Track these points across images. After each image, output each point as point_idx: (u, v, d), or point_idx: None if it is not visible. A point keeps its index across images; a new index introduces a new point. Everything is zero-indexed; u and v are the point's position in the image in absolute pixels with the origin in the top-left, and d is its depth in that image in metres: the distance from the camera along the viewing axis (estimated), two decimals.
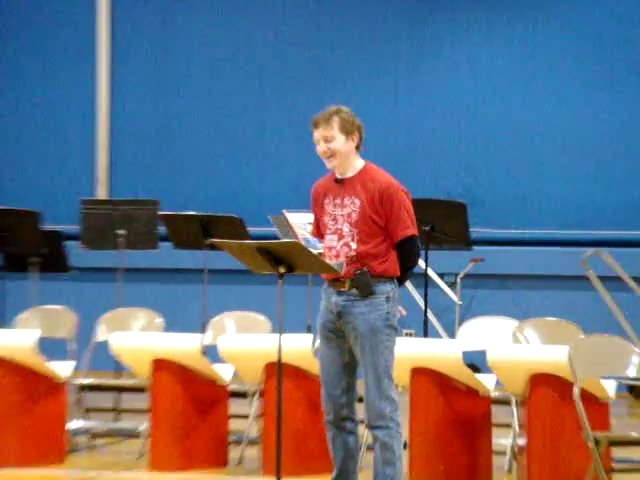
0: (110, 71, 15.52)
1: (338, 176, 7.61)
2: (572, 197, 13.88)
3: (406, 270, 7.61)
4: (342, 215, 7.54)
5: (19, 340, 9.68)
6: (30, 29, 15.85)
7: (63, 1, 15.85)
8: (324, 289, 7.60)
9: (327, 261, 7.58)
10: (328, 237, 7.63)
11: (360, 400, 7.66)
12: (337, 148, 7.55)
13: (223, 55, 15.31)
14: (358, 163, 7.59)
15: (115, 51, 15.60)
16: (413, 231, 7.55)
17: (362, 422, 7.60)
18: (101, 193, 15.11)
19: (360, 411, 7.65)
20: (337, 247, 7.56)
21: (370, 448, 7.79)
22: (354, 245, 7.49)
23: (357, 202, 7.49)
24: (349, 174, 7.57)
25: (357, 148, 7.58)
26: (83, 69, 15.59)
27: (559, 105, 14.07)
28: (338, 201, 7.57)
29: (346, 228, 7.51)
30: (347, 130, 7.54)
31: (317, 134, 7.57)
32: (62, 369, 9.75)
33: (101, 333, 10.50)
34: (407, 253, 7.57)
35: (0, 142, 15.54)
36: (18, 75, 15.80)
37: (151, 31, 15.65)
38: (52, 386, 9.67)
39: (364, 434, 8.07)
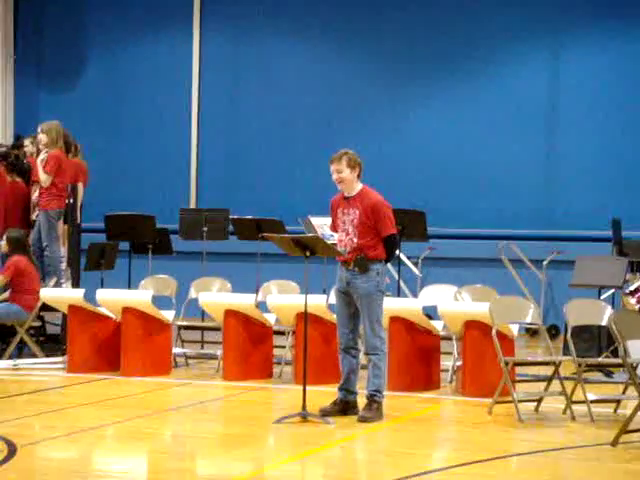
0: (198, 108, 14.97)
1: (345, 194, 7.79)
2: (493, 207, 13.69)
3: (389, 255, 7.79)
4: (348, 220, 7.70)
5: (141, 296, 9.77)
6: (133, 60, 15.19)
7: (163, 24, 15.01)
8: (339, 266, 7.73)
9: (336, 248, 7.83)
10: (339, 233, 7.83)
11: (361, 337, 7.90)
12: (344, 177, 7.73)
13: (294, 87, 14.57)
14: (358, 186, 7.71)
15: (202, 82, 14.97)
16: (393, 231, 7.70)
17: (361, 351, 7.84)
18: (192, 202, 14.88)
19: (361, 344, 7.92)
20: (345, 240, 7.74)
21: (364, 367, 7.83)
22: (355, 239, 7.67)
23: (357, 212, 7.64)
24: (352, 194, 7.72)
25: (358, 176, 7.74)
26: (181, 104, 14.93)
27: (489, 143, 13.83)
28: (345, 211, 7.74)
29: (350, 228, 7.68)
30: (352, 165, 7.70)
31: (332, 167, 7.73)
32: (168, 315, 9.80)
33: (192, 293, 10.49)
34: (390, 245, 7.72)
35: (122, 164, 15.03)
36: (120, 106, 15.19)
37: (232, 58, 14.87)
38: (162, 326, 9.69)
39: (362, 358, 8.10)
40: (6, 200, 10.96)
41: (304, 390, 7.51)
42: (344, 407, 7.75)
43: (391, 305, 8.73)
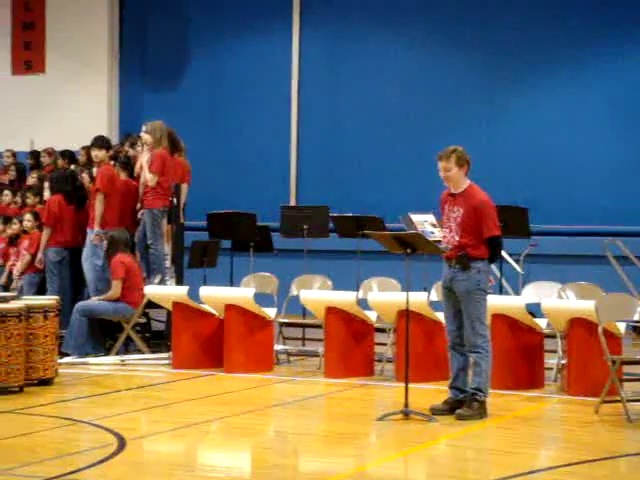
0: (298, 107, 14.99)
1: (452, 191, 7.74)
2: (597, 203, 13.52)
3: (493, 256, 7.66)
4: (452, 217, 7.62)
5: (244, 294, 9.87)
6: (234, 59, 15.23)
7: (263, 23, 15.06)
8: (444, 264, 7.69)
9: (437, 245, 7.79)
10: (444, 230, 7.80)
11: None
12: (452, 175, 7.62)
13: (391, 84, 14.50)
14: (465, 184, 7.61)
15: (301, 81, 14.94)
16: (496, 232, 7.58)
17: None
18: (292, 200, 14.95)
19: None
20: (448, 237, 7.69)
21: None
22: (457, 237, 7.59)
23: (461, 211, 7.56)
24: (458, 191, 7.63)
25: (465, 174, 7.63)
26: (281, 102, 14.95)
27: (589, 140, 13.68)
28: (451, 208, 7.64)
29: (454, 226, 7.60)
30: (460, 163, 7.59)
31: (440, 165, 7.62)
32: (269, 312, 9.87)
33: (293, 290, 10.56)
34: (493, 246, 7.61)
35: (223, 162, 15.10)
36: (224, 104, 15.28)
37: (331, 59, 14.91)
38: (264, 323, 9.77)
39: None
40: (121, 199, 11.16)
41: (406, 387, 7.50)
42: (455, 406, 7.68)
43: (494, 302, 8.64)
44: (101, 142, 11.11)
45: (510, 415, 7.92)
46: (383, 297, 9.57)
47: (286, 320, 10.57)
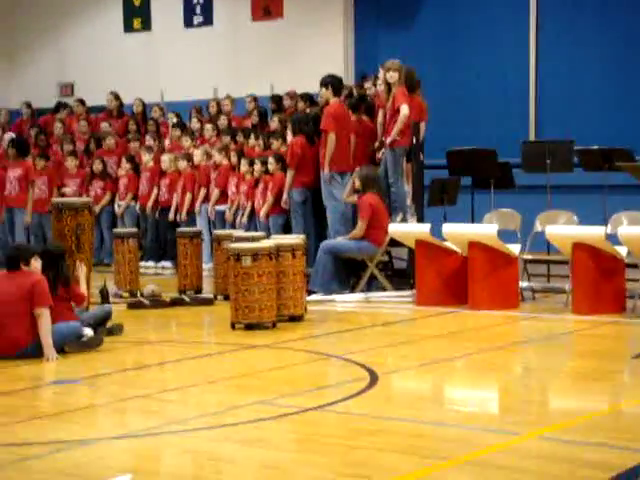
0: (536, 39, 14.57)
1: None
2: None
3: None
4: None
5: (487, 230, 9.80)
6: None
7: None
8: None
9: None
10: None
11: None
12: None
13: None
14: None
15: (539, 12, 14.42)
16: None
17: None
18: (531, 135, 14.49)
19: None
20: None
21: None
22: None
23: None
24: None
25: None
26: (519, 36, 14.52)
27: None
28: None
29: None
30: None
31: None
32: (513, 249, 9.80)
33: (537, 226, 10.38)
34: None
35: (460, 100, 14.80)
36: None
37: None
38: (508, 260, 9.68)
39: None
40: (355, 138, 11.30)
41: None
42: None
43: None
44: (325, 81, 11.22)
45: None
46: (635, 231, 9.26)
47: (530, 257, 10.43)
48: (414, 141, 11.03)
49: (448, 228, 10.00)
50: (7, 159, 13.52)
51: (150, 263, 13.66)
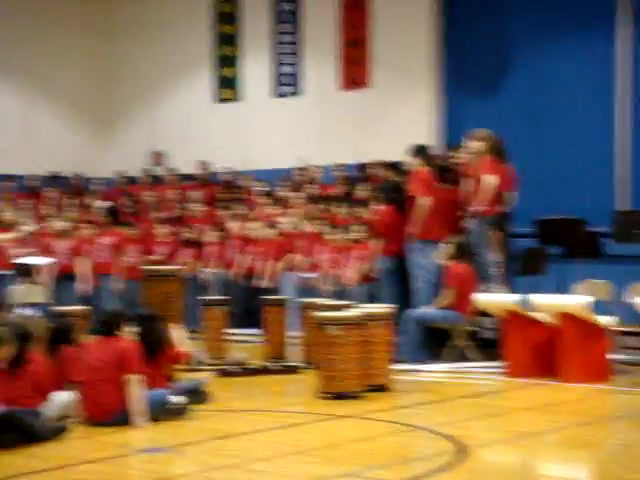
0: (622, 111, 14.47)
1: None
2: None
3: None
4: None
5: (579, 302, 9.64)
6: (555, 63, 14.79)
7: (584, 24, 14.61)
8: None
9: None
10: None
11: None
12: None
13: None
14: None
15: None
16: None
17: None
18: (620, 204, 14.04)
19: None
20: None
21: None
22: None
23: None
24: None
25: None
26: (604, 102, 14.42)
27: None
28: None
29: None
30: None
31: None
32: (605, 320, 9.65)
33: (630, 297, 10.16)
34: None
35: (548, 167, 14.71)
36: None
37: None
38: (599, 331, 9.54)
39: None
40: (441, 207, 11.26)
41: None
42: None
43: None
44: (413, 150, 11.28)
45: None
46: None
47: (624, 328, 10.23)
48: (502, 210, 10.94)
49: (539, 299, 9.86)
50: (100, 227, 13.81)
51: (238, 330, 13.71)
